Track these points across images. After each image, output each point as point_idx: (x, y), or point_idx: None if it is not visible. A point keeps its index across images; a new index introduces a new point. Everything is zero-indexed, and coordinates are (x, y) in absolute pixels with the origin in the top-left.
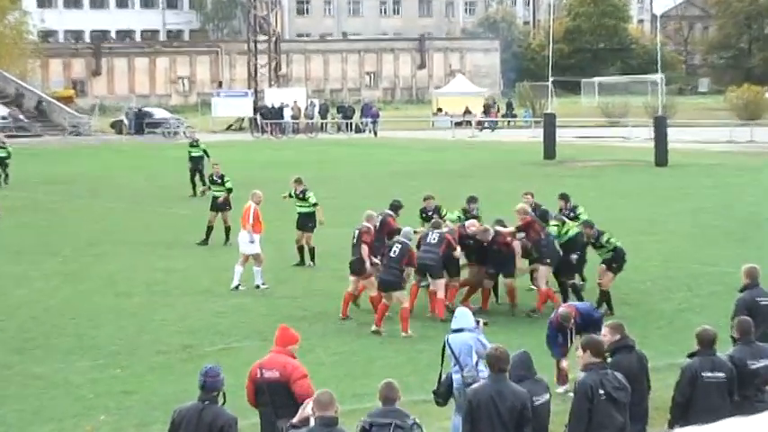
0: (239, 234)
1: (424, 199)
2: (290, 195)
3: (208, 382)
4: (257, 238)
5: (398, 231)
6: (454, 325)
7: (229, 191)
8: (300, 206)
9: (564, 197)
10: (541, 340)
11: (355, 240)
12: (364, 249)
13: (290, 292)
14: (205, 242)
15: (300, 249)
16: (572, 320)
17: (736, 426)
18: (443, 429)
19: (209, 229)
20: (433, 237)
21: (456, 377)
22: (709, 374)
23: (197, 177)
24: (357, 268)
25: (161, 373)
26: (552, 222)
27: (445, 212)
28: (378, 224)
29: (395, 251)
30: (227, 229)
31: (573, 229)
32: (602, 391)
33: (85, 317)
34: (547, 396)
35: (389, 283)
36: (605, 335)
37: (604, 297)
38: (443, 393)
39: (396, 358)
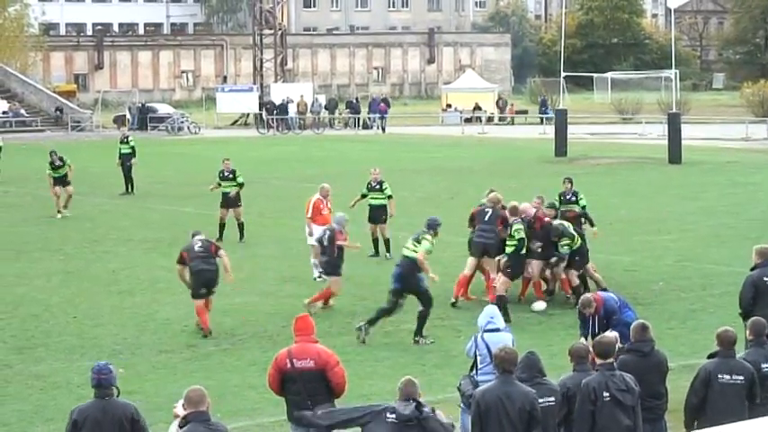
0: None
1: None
2: (363, 196)
3: (103, 379)
4: (317, 229)
5: None
6: (490, 325)
7: (241, 186)
8: (375, 198)
9: (569, 180)
10: (551, 342)
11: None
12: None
13: (296, 290)
14: (219, 239)
15: (375, 242)
16: (591, 307)
17: (748, 427)
18: None
19: (222, 226)
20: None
21: (486, 377)
22: (726, 377)
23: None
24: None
25: (164, 373)
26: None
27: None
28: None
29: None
30: (241, 226)
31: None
32: (606, 394)
33: (87, 315)
34: (551, 399)
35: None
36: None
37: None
38: None
39: (403, 358)
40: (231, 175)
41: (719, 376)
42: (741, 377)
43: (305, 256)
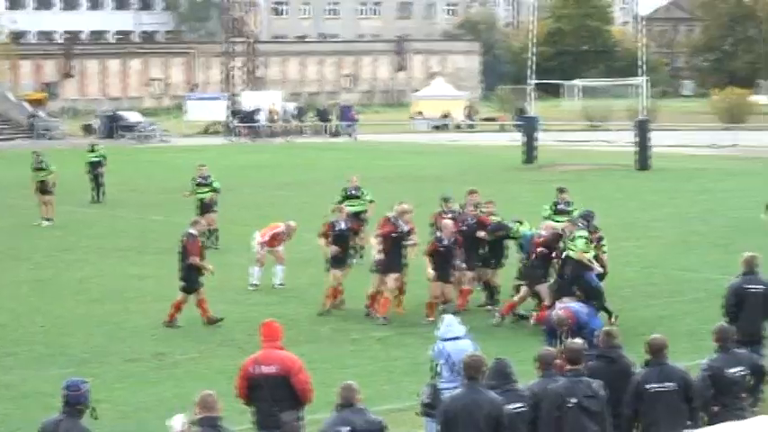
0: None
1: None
2: (340, 201)
3: (70, 396)
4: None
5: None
6: (449, 333)
7: (216, 191)
8: (352, 205)
9: (563, 190)
10: (518, 348)
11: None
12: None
13: (264, 299)
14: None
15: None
16: (566, 325)
17: None
18: None
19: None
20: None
21: (449, 386)
22: (656, 385)
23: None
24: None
25: (132, 382)
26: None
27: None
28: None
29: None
30: (214, 233)
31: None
32: (572, 400)
33: (56, 324)
34: (520, 405)
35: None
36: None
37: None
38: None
39: (370, 366)
40: (206, 181)
41: (649, 386)
42: (672, 383)
43: (273, 264)
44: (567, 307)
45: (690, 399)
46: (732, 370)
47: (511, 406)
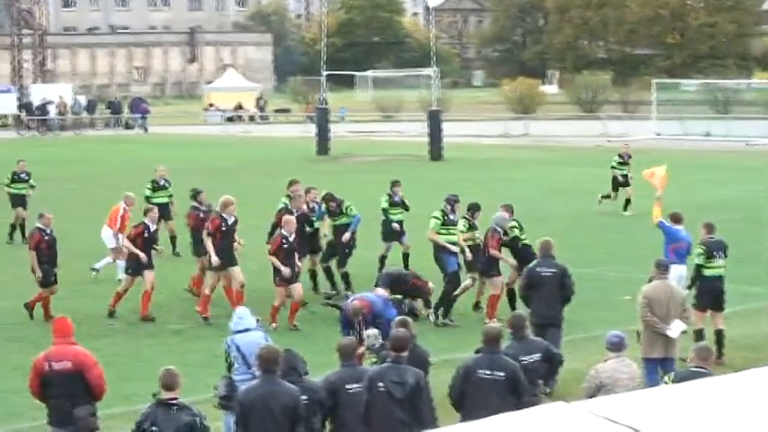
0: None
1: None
2: (149, 195)
3: None
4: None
5: None
6: (239, 326)
7: (32, 187)
8: (162, 196)
9: (395, 182)
10: (317, 340)
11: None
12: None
13: (58, 293)
14: (11, 241)
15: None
16: (360, 315)
17: (502, 422)
18: (216, 430)
19: (14, 226)
20: None
21: (242, 378)
22: (486, 372)
23: None
24: None
25: None
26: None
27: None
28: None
29: None
30: (22, 227)
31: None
32: (381, 384)
33: None
34: (304, 397)
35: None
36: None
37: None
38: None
39: (166, 359)
40: (27, 177)
41: (479, 371)
42: (502, 373)
43: (71, 258)
44: (363, 296)
45: (518, 393)
46: (526, 358)
47: None
